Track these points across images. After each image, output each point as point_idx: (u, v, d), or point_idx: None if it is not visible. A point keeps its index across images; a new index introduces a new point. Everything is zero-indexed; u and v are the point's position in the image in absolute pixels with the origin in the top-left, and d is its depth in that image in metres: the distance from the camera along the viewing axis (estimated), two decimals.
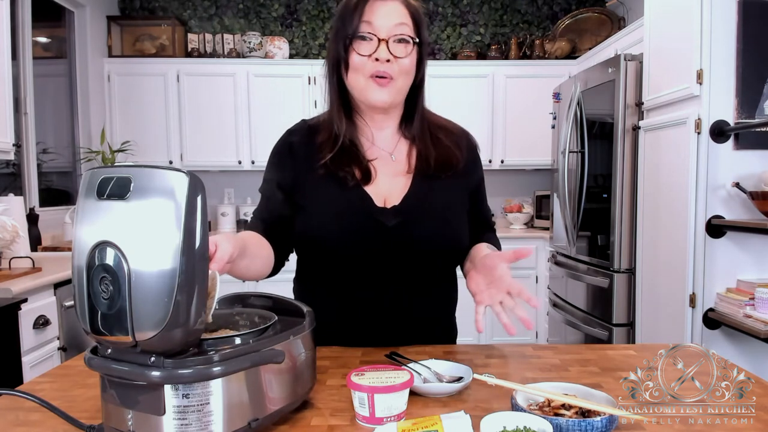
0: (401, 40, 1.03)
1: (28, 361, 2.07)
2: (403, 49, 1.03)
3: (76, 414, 0.78)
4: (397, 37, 1.02)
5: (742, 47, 2.15)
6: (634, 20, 3.25)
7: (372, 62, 1.02)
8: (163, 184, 0.63)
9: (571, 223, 3.15)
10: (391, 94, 1.05)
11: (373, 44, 1.02)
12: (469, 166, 1.17)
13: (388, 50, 1.02)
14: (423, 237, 1.07)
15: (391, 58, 1.02)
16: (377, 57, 1.02)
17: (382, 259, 1.07)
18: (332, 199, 1.08)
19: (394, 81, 1.04)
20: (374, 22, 1.02)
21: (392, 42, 1.02)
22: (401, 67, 1.04)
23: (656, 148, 2.52)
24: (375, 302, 1.09)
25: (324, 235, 1.07)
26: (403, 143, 1.15)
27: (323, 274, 1.13)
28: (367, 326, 1.11)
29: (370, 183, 1.09)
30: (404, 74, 1.05)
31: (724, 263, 2.22)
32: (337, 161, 1.08)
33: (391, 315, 1.10)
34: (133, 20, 4.25)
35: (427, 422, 0.72)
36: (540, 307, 0.94)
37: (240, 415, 0.70)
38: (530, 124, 4.03)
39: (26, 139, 3.33)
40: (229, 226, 4.21)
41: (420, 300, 1.12)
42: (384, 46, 1.02)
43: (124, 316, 0.63)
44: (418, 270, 1.10)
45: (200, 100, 4.01)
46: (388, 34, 1.02)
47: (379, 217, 1.06)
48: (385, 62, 1.02)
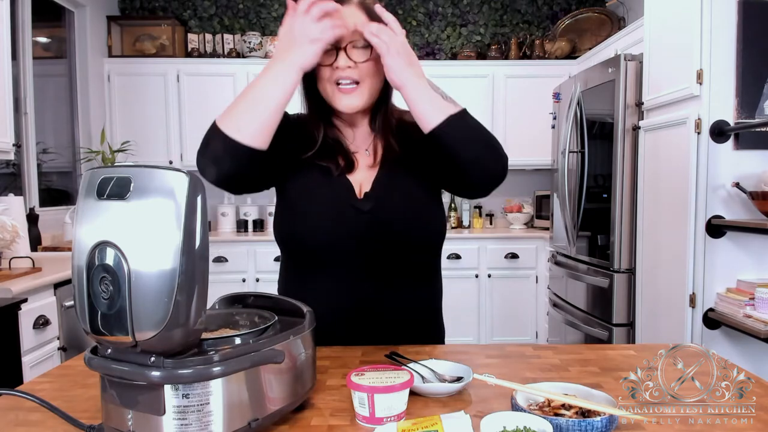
0: (362, 45, 1.05)
1: (28, 361, 2.07)
2: (364, 53, 1.05)
3: (76, 414, 0.78)
4: (354, 43, 1.04)
5: (742, 47, 2.15)
6: (634, 20, 3.25)
7: (334, 70, 1.05)
8: (163, 184, 0.63)
9: (571, 223, 3.15)
10: (360, 99, 1.07)
11: (332, 54, 1.04)
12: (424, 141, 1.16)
13: (347, 57, 1.04)
14: (394, 218, 1.10)
15: (351, 64, 1.04)
16: (337, 65, 1.04)
17: (360, 246, 1.09)
18: (316, 187, 1.11)
19: (360, 85, 1.06)
20: None
21: (350, 48, 1.04)
22: (363, 70, 1.05)
23: (656, 148, 2.52)
24: (356, 295, 1.11)
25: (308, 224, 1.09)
26: (378, 138, 1.17)
27: (307, 269, 1.14)
28: (349, 320, 1.12)
29: (352, 172, 1.13)
30: (369, 76, 1.07)
31: (724, 263, 2.22)
32: (322, 154, 1.12)
33: (372, 308, 1.12)
34: (133, 20, 4.25)
35: (427, 422, 0.72)
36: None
37: (240, 415, 0.70)
38: (530, 124, 4.03)
39: (26, 139, 3.33)
40: (229, 226, 4.21)
41: (401, 293, 1.13)
42: (342, 54, 1.04)
43: (124, 316, 0.63)
44: (398, 258, 1.12)
45: (200, 100, 4.01)
46: (345, 42, 1.04)
47: (356, 204, 1.10)
48: (347, 68, 1.04)
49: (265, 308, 0.86)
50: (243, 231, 4.18)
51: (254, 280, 3.83)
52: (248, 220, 4.20)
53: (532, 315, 3.94)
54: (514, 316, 3.91)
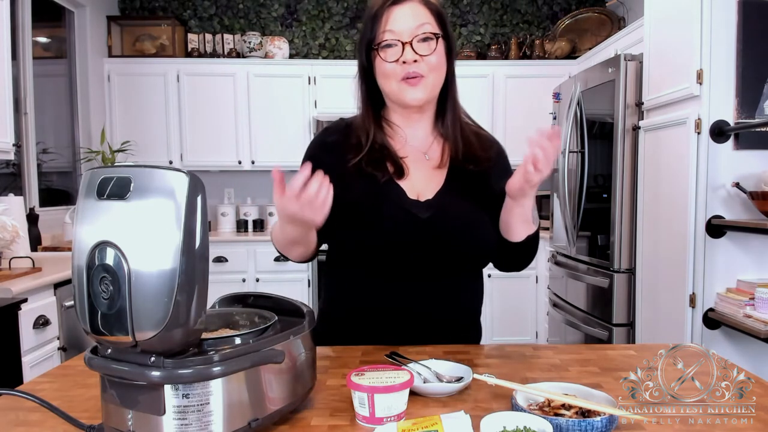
0: (425, 39, 1.06)
1: (28, 361, 2.07)
2: (428, 46, 1.07)
3: (76, 414, 0.78)
4: (420, 36, 1.06)
5: (742, 47, 2.15)
6: (634, 20, 3.25)
7: (401, 66, 1.06)
8: (163, 184, 0.63)
9: (571, 223, 3.15)
10: (424, 91, 1.09)
11: (398, 49, 1.06)
12: (500, 168, 1.19)
13: (413, 51, 1.06)
14: (456, 230, 1.09)
15: (417, 58, 1.06)
16: (404, 60, 1.06)
17: (414, 252, 1.08)
18: (366, 193, 1.10)
19: (425, 78, 1.08)
20: (395, 28, 1.06)
21: (416, 42, 1.06)
22: (429, 64, 1.07)
23: (656, 148, 2.52)
24: (403, 296, 1.10)
25: (358, 226, 1.08)
26: (438, 142, 1.18)
27: (355, 267, 1.13)
28: (393, 320, 1.12)
29: (403, 178, 1.12)
30: (434, 70, 1.08)
31: (724, 263, 2.22)
32: (368, 161, 1.11)
33: (418, 310, 1.11)
34: (133, 20, 4.25)
35: (427, 422, 0.72)
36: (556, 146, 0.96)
37: (240, 415, 0.70)
38: (530, 124, 4.00)
39: (26, 139, 3.33)
40: (229, 226, 4.21)
41: (448, 297, 1.13)
42: (409, 48, 1.05)
43: (124, 316, 0.63)
44: (449, 265, 1.11)
45: (200, 100, 4.02)
46: (410, 36, 1.06)
47: (412, 209, 1.09)
48: (413, 63, 1.06)
49: (265, 308, 0.86)
50: (243, 231, 4.18)
51: (254, 280, 3.83)
52: (248, 220, 4.21)
53: (532, 315, 3.94)
54: (514, 316, 3.91)
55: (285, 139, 4.05)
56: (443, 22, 1.10)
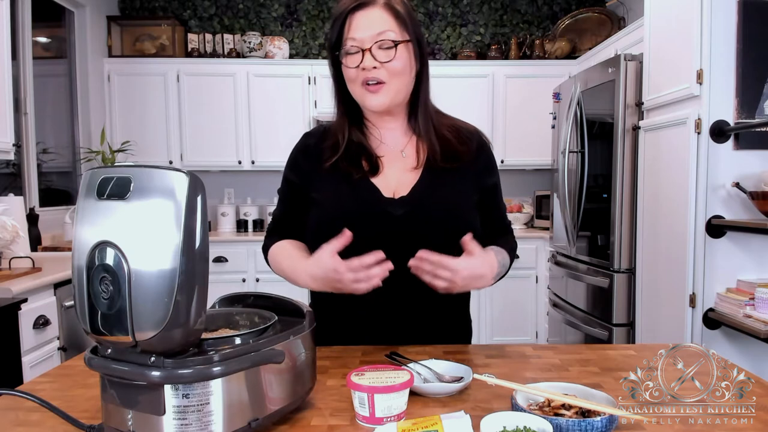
0: (386, 46, 1.08)
1: (28, 361, 2.07)
2: (386, 53, 1.08)
3: (76, 414, 0.78)
4: (379, 43, 1.07)
5: (742, 47, 2.15)
6: (634, 20, 3.25)
7: (362, 72, 1.08)
8: (163, 184, 0.63)
9: (571, 223, 3.15)
10: (386, 97, 1.10)
11: (358, 56, 1.08)
12: (481, 163, 1.20)
13: (372, 58, 1.07)
14: (431, 226, 1.10)
15: (377, 65, 1.08)
16: (363, 67, 1.08)
17: (390, 251, 1.07)
18: (341, 191, 1.12)
19: (387, 84, 1.09)
20: (356, 35, 1.08)
21: (375, 49, 1.07)
22: (390, 69, 1.09)
23: (656, 148, 2.52)
24: (383, 295, 1.09)
25: (333, 224, 1.08)
26: (413, 141, 1.19)
27: None
28: (375, 320, 1.12)
29: (377, 175, 1.14)
30: (396, 76, 1.10)
31: (724, 263, 2.22)
32: (344, 158, 1.14)
33: (399, 309, 1.12)
34: (133, 20, 4.25)
35: (427, 422, 0.72)
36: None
37: (240, 415, 0.70)
38: (530, 124, 4.03)
39: (26, 139, 3.33)
40: (229, 226, 4.21)
41: (430, 295, 1.12)
42: (368, 55, 1.07)
43: (124, 316, 0.63)
44: None
45: (200, 100, 4.01)
46: (371, 43, 1.07)
47: (387, 207, 1.11)
48: (372, 69, 1.08)
49: (265, 308, 0.86)
50: (243, 231, 4.18)
51: (254, 280, 3.83)
52: (248, 220, 4.21)
53: (532, 315, 3.94)
54: (514, 316, 3.91)
55: (285, 139, 4.00)
56: (408, 26, 1.10)
